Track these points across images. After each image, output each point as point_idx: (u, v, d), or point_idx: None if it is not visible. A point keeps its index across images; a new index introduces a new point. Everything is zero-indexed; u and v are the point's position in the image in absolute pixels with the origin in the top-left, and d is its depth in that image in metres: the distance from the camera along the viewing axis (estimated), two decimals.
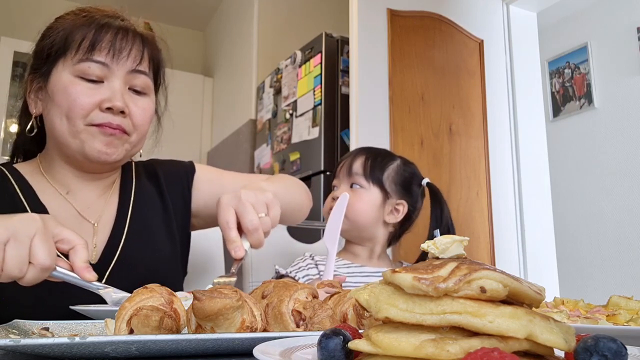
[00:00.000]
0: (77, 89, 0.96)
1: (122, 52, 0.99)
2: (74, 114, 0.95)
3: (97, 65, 0.97)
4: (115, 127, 0.97)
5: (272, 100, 3.42)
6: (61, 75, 0.98)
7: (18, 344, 0.44)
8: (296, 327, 0.58)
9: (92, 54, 0.97)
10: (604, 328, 0.64)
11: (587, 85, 3.71)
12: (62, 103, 0.96)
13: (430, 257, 0.40)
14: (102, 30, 0.99)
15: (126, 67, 1.00)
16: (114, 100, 0.96)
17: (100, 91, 0.97)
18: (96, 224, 1.05)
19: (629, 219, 3.37)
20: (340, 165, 1.45)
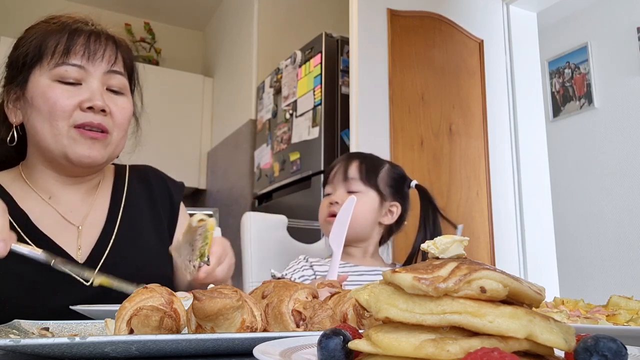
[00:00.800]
0: (56, 92, 0.98)
1: (96, 53, 1.02)
2: (56, 116, 0.97)
3: (74, 68, 1.00)
4: (97, 125, 1.00)
5: (272, 100, 3.42)
6: (39, 81, 0.99)
7: (18, 344, 0.44)
8: (296, 327, 0.58)
9: (68, 57, 1.00)
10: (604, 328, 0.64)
11: (587, 85, 3.71)
12: (43, 107, 0.98)
13: (430, 257, 0.40)
14: (74, 35, 1.02)
15: (102, 68, 1.03)
16: (94, 100, 0.99)
17: (80, 92, 0.99)
18: (80, 227, 1.06)
19: (629, 219, 3.37)
20: (334, 172, 1.44)
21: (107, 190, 1.15)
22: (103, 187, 1.15)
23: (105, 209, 1.11)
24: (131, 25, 4.52)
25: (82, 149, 0.99)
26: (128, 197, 1.15)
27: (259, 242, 1.62)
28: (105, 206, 1.12)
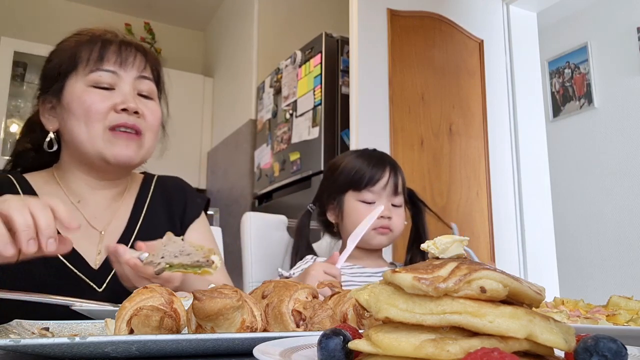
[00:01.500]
0: (92, 96, 1.04)
1: (127, 60, 1.09)
2: (92, 118, 1.03)
3: (107, 74, 1.06)
4: (131, 126, 1.06)
5: (272, 100, 3.42)
6: (74, 87, 1.05)
7: (18, 344, 0.44)
8: (296, 327, 0.58)
9: (102, 64, 1.06)
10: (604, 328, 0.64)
11: (587, 85, 3.71)
12: (79, 111, 1.03)
13: (430, 257, 0.40)
14: (107, 43, 1.09)
15: (133, 74, 1.09)
16: (127, 102, 1.05)
17: (113, 96, 1.05)
18: (103, 232, 1.09)
19: (629, 219, 3.37)
20: (384, 184, 1.39)
21: (131, 198, 1.19)
22: (128, 194, 1.19)
23: (127, 215, 1.15)
24: (131, 25, 4.52)
25: (118, 149, 1.05)
26: (150, 206, 1.19)
27: (259, 242, 1.62)
28: (127, 213, 1.15)
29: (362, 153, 1.48)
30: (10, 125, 4.09)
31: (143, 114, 1.08)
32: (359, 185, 1.39)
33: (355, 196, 1.40)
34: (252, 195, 3.54)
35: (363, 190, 1.39)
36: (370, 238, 1.38)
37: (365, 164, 1.42)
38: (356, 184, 1.40)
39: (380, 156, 1.47)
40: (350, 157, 1.47)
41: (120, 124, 1.05)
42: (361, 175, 1.40)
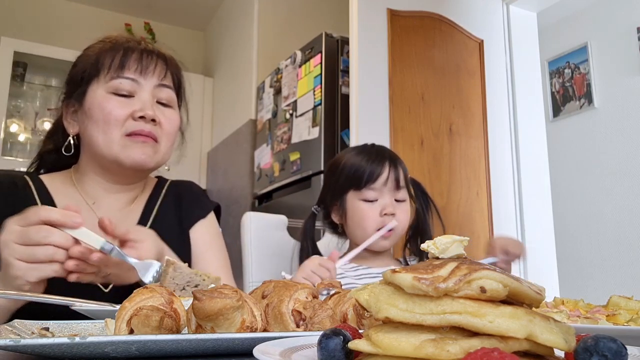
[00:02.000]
0: (111, 103, 1.06)
1: (148, 68, 1.11)
2: (110, 124, 1.05)
3: (128, 81, 1.08)
4: (147, 133, 1.07)
5: (272, 100, 3.42)
6: (96, 94, 1.07)
7: (18, 344, 0.44)
8: (296, 327, 0.58)
9: (122, 71, 1.08)
10: (604, 328, 0.64)
11: (587, 85, 3.71)
12: (98, 116, 1.06)
13: (430, 257, 0.40)
14: (129, 51, 1.11)
15: (152, 82, 1.11)
16: (145, 110, 1.07)
17: (132, 103, 1.07)
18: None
19: (629, 219, 3.36)
20: (384, 179, 1.35)
21: (142, 201, 1.21)
22: (140, 199, 1.21)
23: (136, 218, 1.17)
24: (131, 25, 4.51)
25: (133, 153, 1.06)
26: (160, 210, 1.20)
27: (259, 242, 1.61)
28: (137, 216, 1.17)
29: (360, 149, 1.44)
30: (10, 125, 4.09)
31: (160, 122, 1.10)
32: (359, 184, 1.36)
33: (357, 195, 1.37)
34: (252, 195, 3.54)
35: (364, 189, 1.35)
36: (374, 242, 1.35)
37: (363, 160, 1.37)
38: (356, 182, 1.36)
39: (378, 150, 1.42)
40: (348, 155, 1.43)
41: (137, 131, 1.07)
42: (360, 173, 1.36)
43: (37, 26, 4.25)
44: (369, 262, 1.41)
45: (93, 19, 4.48)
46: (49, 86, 4.35)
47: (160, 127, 1.10)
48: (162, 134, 1.11)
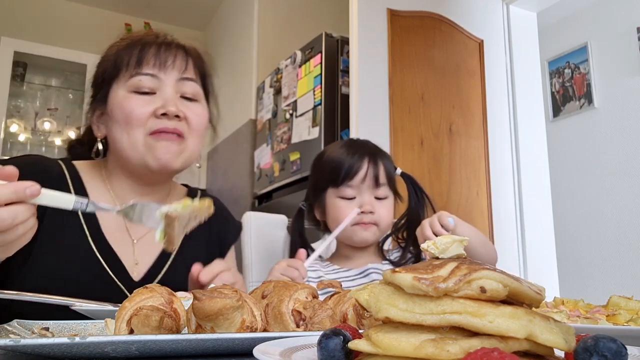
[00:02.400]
0: (132, 102, 1.02)
1: (167, 61, 1.05)
2: (132, 124, 1.01)
3: (147, 77, 1.03)
4: (172, 130, 1.02)
5: (272, 100, 3.42)
6: (117, 94, 1.04)
7: (18, 344, 0.44)
8: (296, 327, 0.58)
9: (141, 67, 1.04)
10: (604, 328, 0.64)
11: (587, 85, 3.71)
12: (120, 117, 1.02)
13: (430, 257, 0.40)
14: (146, 46, 1.06)
15: (174, 76, 1.06)
16: (168, 106, 1.02)
17: (154, 101, 1.03)
18: (136, 241, 1.07)
19: (629, 219, 3.36)
20: (362, 177, 1.29)
21: None
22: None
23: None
24: (131, 25, 4.51)
25: (159, 153, 1.02)
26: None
27: (259, 242, 1.61)
28: None
29: (343, 144, 1.37)
30: (10, 125, 4.09)
31: (186, 117, 1.05)
32: (336, 181, 1.30)
33: (335, 192, 1.31)
34: (252, 195, 3.54)
35: (341, 186, 1.30)
36: (353, 234, 1.31)
37: (343, 156, 1.31)
38: (334, 179, 1.31)
39: (359, 145, 1.35)
40: (330, 150, 1.38)
41: (161, 129, 1.02)
42: (338, 170, 1.30)
43: (37, 26, 4.25)
44: (352, 262, 1.37)
45: (93, 19, 4.48)
46: (49, 86, 4.35)
47: (186, 123, 1.05)
48: (188, 130, 1.06)
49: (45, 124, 4.25)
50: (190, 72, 1.09)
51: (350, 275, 1.34)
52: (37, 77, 4.29)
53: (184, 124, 1.05)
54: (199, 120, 1.08)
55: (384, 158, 1.35)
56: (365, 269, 1.33)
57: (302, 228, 1.44)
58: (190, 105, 1.07)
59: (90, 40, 4.29)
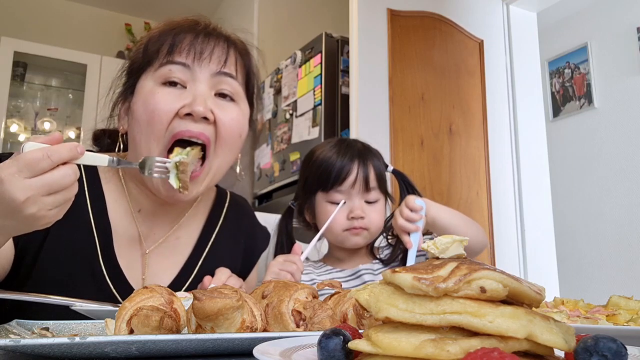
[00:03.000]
0: (158, 96, 0.87)
1: (203, 52, 0.91)
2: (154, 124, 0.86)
3: (178, 67, 0.89)
4: (197, 135, 0.87)
5: (272, 100, 3.42)
6: (144, 86, 0.90)
7: (18, 344, 0.44)
8: (296, 327, 0.58)
9: (172, 55, 0.90)
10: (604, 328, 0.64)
11: (587, 85, 3.71)
12: (142, 116, 0.88)
13: (430, 257, 0.40)
14: (181, 33, 0.93)
15: (210, 69, 0.91)
16: (195, 104, 0.86)
17: (183, 96, 0.88)
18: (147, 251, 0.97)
19: (629, 218, 3.36)
20: (351, 181, 1.26)
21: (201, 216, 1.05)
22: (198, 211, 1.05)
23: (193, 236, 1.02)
24: (131, 25, 4.51)
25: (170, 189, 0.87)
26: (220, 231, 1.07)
27: None
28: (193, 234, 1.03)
29: (332, 145, 1.34)
30: (10, 125, 4.09)
31: (217, 120, 0.89)
32: (326, 185, 1.27)
33: (324, 197, 1.29)
34: (252, 195, 3.54)
35: (330, 191, 1.27)
36: (345, 240, 1.29)
37: (332, 159, 1.28)
38: (323, 184, 1.27)
39: (347, 147, 1.31)
40: (319, 152, 1.34)
41: (182, 132, 0.86)
42: (327, 174, 1.26)
43: (37, 26, 4.25)
44: (344, 263, 1.36)
45: (93, 19, 4.48)
46: (49, 86, 4.35)
47: (214, 128, 0.89)
48: (218, 135, 0.90)
49: (45, 124, 4.24)
50: (231, 66, 0.94)
51: (343, 276, 1.33)
52: (37, 77, 4.28)
53: (211, 129, 0.89)
54: (232, 124, 0.91)
55: (373, 159, 1.32)
56: (357, 270, 1.33)
57: (290, 228, 1.42)
58: (226, 105, 0.92)
59: (90, 40, 4.30)
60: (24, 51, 4.00)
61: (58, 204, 0.67)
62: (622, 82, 3.50)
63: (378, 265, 1.34)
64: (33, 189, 0.63)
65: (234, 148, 0.94)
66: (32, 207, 0.63)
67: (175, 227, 1.02)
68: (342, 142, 1.35)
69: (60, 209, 0.68)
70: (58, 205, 0.67)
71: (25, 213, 0.64)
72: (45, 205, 0.65)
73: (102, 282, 0.91)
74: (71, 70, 4.27)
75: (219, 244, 1.06)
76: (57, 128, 4.29)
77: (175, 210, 1.01)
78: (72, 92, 4.37)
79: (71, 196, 0.69)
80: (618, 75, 3.53)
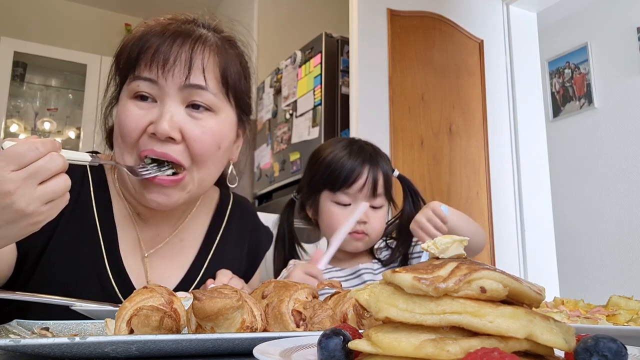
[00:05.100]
0: (126, 112, 0.83)
1: (167, 62, 0.82)
2: (126, 144, 0.83)
3: (145, 83, 0.83)
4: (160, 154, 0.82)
5: (272, 100, 3.42)
6: (122, 97, 0.86)
7: (18, 344, 0.44)
8: (296, 327, 0.58)
9: (139, 69, 0.83)
10: (604, 328, 0.64)
11: (587, 85, 3.71)
12: (117, 130, 0.85)
13: (430, 257, 0.40)
14: (148, 39, 0.84)
15: (176, 82, 0.83)
16: (158, 125, 0.80)
17: (151, 112, 0.83)
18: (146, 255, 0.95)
19: (629, 218, 3.36)
20: (360, 186, 1.25)
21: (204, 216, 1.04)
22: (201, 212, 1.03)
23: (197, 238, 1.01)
24: (131, 25, 4.51)
25: (151, 194, 0.84)
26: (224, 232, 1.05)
27: None
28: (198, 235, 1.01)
29: (344, 146, 1.32)
30: (10, 125, 4.09)
31: (187, 138, 0.83)
32: (334, 187, 1.26)
33: (330, 197, 1.28)
34: (252, 195, 3.54)
35: (338, 192, 1.26)
36: (346, 243, 1.27)
37: (343, 160, 1.26)
38: (331, 184, 1.26)
39: (360, 149, 1.30)
40: (329, 150, 1.33)
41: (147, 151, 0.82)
42: (336, 175, 1.25)
43: (37, 26, 4.25)
44: (343, 263, 1.36)
45: (93, 19, 4.48)
46: (48, 86, 4.35)
47: (186, 146, 0.83)
48: (191, 151, 0.84)
49: (45, 124, 4.25)
50: (198, 75, 0.84)
51: (343, 275, 1.34)
52: (37, 77, 4.29)
53: (180, 148, 0.83)
54: (205, 139, 0.84)
55: (382, 163, 1.30)
56: (357, 269, 1.33)
57: (291, 220, 1.40)
58: (200, 117, 0.85)
59: (90, 40, 4.30)
60: (24, 51, 4.00)
61: (49, 197, 0.62)
62: (622, 82, 3.50)
63: (378, 265, 1.34)
64: (21, 179, 0.59)
65: (214, 161, 0.89)
66: (21, 200, 0.59)
67: (179, 229, 1.00)
68: (353, 143, 1.33)
69: (52, 205, 0.63)
70: (49, 199, 0.62)
71: (16, 207, 0.59)
72: (35, 199, 0.60)
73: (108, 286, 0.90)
74: (71, 70, 4.27)
75: (224, 245, 1.05)
76: (57, 128, 4.30)
77: (177, 213, 0.99)
78: (72, 92, 4.37)
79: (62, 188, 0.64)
80: (618, 75, 3.53)
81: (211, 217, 1.06)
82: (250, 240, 1.13)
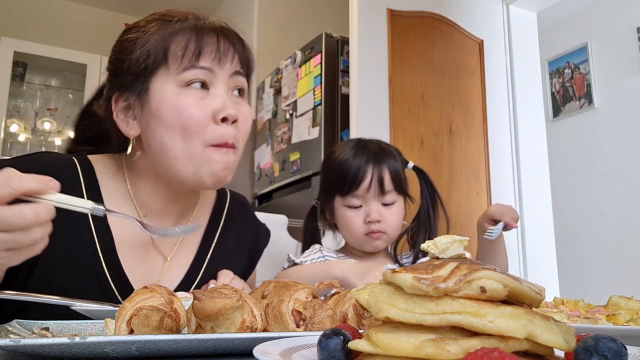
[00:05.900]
0: (187, 101, 0.86)
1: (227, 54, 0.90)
2: (191, 132, 0.86)
3: (203, 72, 0.88)
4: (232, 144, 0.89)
5: (272, 100, 3.42)
6: (164, 89, 0.87)
7: (18, 344, 0.44)
8: (296, 327, 0.58)
9: (199, 59, 0.88)
10: (604, 328, 0.64)
11: (587, 85, 3.71)
12: (174, 121, 0.86)
13: (430, 257, 0.40)
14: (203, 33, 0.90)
15: (228, 70, 0.91)
16: (228, 109, 0.87)
17: (208, 100, 0.87)
18: (169, 258, 0.96)
19: (629, 218, 3.36)
20: (366, 185, 1.26)
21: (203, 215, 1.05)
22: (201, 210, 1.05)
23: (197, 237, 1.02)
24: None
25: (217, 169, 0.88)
26: (223, 229, 1.07)
27: None
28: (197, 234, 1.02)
29: (351, 147, 1.34)
30: (10, 125, 4.09)
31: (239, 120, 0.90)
32: (342, 190, 1.28)
33: (341, 201, 1.30)
34: (252, 195, 3.54)
35: (347, 196, 1.28)
36: (364, 244, 1.30)
37: (348, 162, 1.28)
38: (339, 188, 1.29)
39: (364, 148, 1.31)
40: (337, 153, 1.34)
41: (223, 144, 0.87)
42: (343, 179, 1.28)
43: (37, 26, 4.25)
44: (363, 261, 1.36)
45: (93, 19, 4.48)
46: (48, 86, 4.35)
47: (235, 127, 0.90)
48: (239, 135, 0.91)
49: (45, 124, 4.25)
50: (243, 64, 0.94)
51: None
52: (37, 77, 4.29)
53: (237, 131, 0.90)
54: (248, 121, 0.93)
55: (389, 160, 1.30)
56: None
57: (315, 227, 1.43)
58: (240, 102, 0.93)
59: (90, 40, 4.30)
60: (24, 51, 4.01)
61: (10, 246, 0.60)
62: (622, 82, 3.50)
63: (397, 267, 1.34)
64: None
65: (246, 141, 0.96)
66: None
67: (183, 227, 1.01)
68: (359, 143, 1.35)
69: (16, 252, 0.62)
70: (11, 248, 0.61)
71: None
72: None
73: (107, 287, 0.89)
74: (71, 70, 4.27)
75: (224, 242, 1.05)
76: (57, 128, 4.30)
77: (180, 211, 1.00)
78: (72, 92, 4.37)
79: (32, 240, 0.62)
80: (618, 75, 3.53)
81: (210, 214, 1.07)
82: (252, 239, 1.14)
